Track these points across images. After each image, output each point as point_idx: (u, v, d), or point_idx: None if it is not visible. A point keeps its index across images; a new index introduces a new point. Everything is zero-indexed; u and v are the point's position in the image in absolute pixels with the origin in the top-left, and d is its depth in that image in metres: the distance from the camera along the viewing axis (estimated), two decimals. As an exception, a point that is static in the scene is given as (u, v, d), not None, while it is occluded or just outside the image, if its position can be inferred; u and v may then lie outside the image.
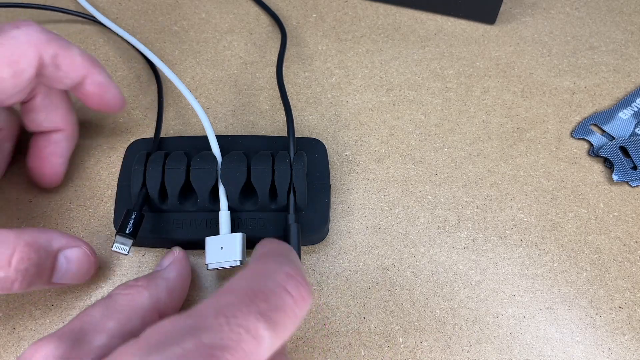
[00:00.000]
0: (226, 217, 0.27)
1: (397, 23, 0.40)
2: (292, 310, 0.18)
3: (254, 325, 0.17)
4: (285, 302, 0.18)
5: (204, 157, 0.28)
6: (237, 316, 0.17)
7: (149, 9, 0.40)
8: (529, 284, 0.29)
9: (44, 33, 0.25)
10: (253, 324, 0.17)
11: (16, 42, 0.24)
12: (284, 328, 0.18)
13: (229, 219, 0.27)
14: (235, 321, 0.17)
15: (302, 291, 0.19)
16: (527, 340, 0.27)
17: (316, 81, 0.36)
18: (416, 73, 0.37)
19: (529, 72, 0.37)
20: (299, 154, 0.28)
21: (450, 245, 0.30)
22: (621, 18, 0.40)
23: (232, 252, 0.26)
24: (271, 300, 0.18)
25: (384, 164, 0.32)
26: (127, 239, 0.26)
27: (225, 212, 0.27)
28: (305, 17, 0.40)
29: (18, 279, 0.22)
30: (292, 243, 0.26)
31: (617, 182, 0.32)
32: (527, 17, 0.40)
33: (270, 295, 0.18)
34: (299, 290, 0.19)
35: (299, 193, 0.27)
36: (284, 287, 0.18)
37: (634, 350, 0.27)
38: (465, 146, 0.33)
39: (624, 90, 0.36)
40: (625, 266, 0.29)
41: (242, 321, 0.17)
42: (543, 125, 0.34)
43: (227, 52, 0.38)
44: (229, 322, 0.16)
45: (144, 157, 0.28)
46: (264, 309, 0.17)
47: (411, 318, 0.27)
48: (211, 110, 0.34)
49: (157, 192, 0.27)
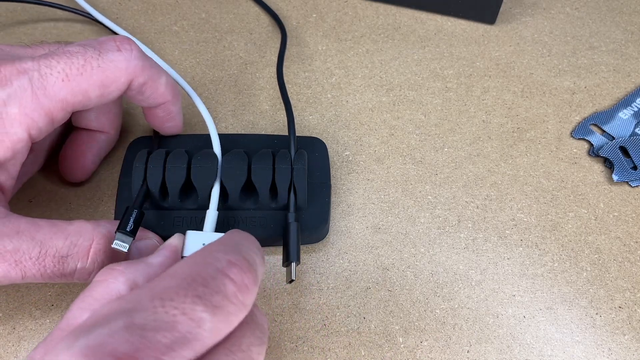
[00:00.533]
0: (213, 217, 0.26)
1: (397, 23, 0.40)
2: (234, 295, 0.18)
3: (191, 307, 0.16)
4: (226, 287, 0.18)
5: (205, 155, 0.28)
6: (173, 299, 0.16)
7: (149, 9, 0.40)
8: (529, 284, 0.29)
9: (141, 60, 0.25)
10: (190, 307, 0.16)
11: (114, 67, 0.24)
12: (227, 313, 0.17)
13: (215, 220, 0.27)
14: (171, 304, 0.16)
15: (245, 279, 0.18)
16: (527, 340, 0.27)
17: (316, 81, 0.36)
18: (416, 73, 0.37)
19: (529, 72, 0.37)
20: (299, 152, 0.28)
21: (450, 245, 0.30)
22: (621, 18, 0.40)
23: None
24: (210, 284, 0.17)
25: (384, 164, 0.32)
26: (127, 236, 0.26)
27: (214, 212, 0.27)
28: (305, 17, 0.40)
29: (95, 270, 0.23)
30: (291, 242, 0.26)
31: (617, 182, 0.32)
32: (527, 17, 0.40)
33: (210, 280, 0.17)
34: (241, 276, 0.18)
35: (300, 192, 0.27)
36: (225, 274, 0.18)
37: (634, 350, 0.27)
38: (465, 146, 0.33)
39: (624, 90, 0.36)
40: (625, 266, 0.29)
41: (177, 304, 0.16)
42: (543, 125, 0.34)
43: (227, 52, 0.38)
44: (164, 305, 0.16)
45: (144, 155, 0.28)
46: (202, 292, 0.17)
47: (411, 318, 0.27)
48: (211, 110, 0.34)
49: (158, 190, 0.27)
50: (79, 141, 0.30)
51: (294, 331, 0.27)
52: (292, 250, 0.26)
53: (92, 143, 0.30)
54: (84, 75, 0.23)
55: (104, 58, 0.24)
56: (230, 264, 0.18)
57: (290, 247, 0.26)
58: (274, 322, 0.27)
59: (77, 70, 0.23)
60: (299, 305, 0.28)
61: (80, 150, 0.30)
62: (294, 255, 0.26)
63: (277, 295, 0.28)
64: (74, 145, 0.30)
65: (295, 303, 0.28)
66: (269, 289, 0.28)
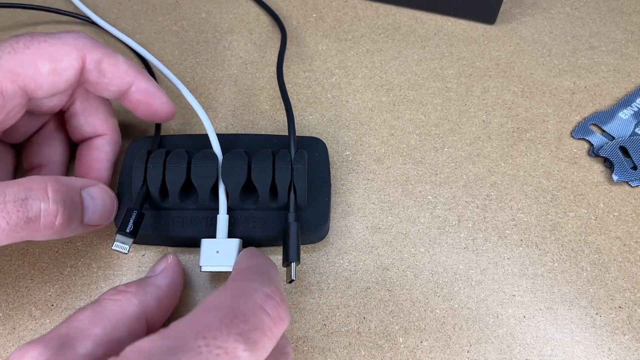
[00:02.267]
0: (224, 221, 0.27)
1: (397, 23, 0.40)
2: (270, 330, 0.18)
3: (233, 346, 0.17)
4: (264, 323, 0.18)
5: (205, 155, 0.28)
6: (216, 337, 0.17)
7: (149, 9, 0.40)
8: (529, 284, 0.29)
9: (90, 39, 0.26)
10: (232, 345, 0.17)
11: (61, 41, 0.25)
12: (263, 348, 0.18)
13: (227, 223, 0.27)
14: (215, 342, 0.17)
15: (280, 311, 0.19)
16: (527, 340, 0.27)
17: (316, 81, 0.36)
18: (416, 73, 0.37)
19: (529, 72, 0.37)
20: (299, 152, 0.28)
21: (450, 245, 0.30)
22: (621, 18, 0.40)
23: (228, 258, 0.26)
24: (250, 320, 0.18)
25: (384, 164, 0.32)
26: (127, 237, 0.26)
27: (224, 215, 0.27)
28: (305, 17, 0.40)
29: (59, 212, 0.23)
30: (291, 242, 0.26)
31: (617, 182, 0.32)
32: (527, 17, 0.40)
33: (250, 315, 0.18)
34: (277, 310, 0.19)
35: (300, 192, 0.27)
36: (262, 308, 0.18)
37: (634, 350, 0.27)
38: (465, 146, 0.33)
39: (624, 90, 0.36)
40: (625, 266, 0.29)
41: (221, 342, 0.17)
42: (543, 125, 0.34)
43: (227, 52, 0.38)
44: (209, 344, 0.17)
45: (145, 155, 0.28)
46: (243, 329, 0.17)
47: (411, 318, 0.27)
48: (211, 110, 0.34)
49: (158, 190, 0.27)
50: (83, 155, 0.29)
51: (294, 331, 0.27)
52: (292, 250, 0.26)
53: (94, 152, 0.29)
54: (31, 48, 0.24)
55: (51, 37, 0.25)
56: (267, 298, 0.19)
57: (290, 247, 0.26)
58: (274, 322, 0.27)
59: (23, 44, 0.24)
60: (299, 305, 0.28)
61: (87, 164, 0.29)
62: (294, 255, 0.26)
63: (277, 295, 0.28)
64: (81, 161, 0.29)
65: (295, 303, 0.28)
66: (269, 289, 0.28)
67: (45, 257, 0.29)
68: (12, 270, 0.28)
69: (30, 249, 0.29)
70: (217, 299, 0.19)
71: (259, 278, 0.20)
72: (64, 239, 0.29)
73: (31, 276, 0.28)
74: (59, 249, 0.29)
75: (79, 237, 0.29)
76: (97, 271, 0.28)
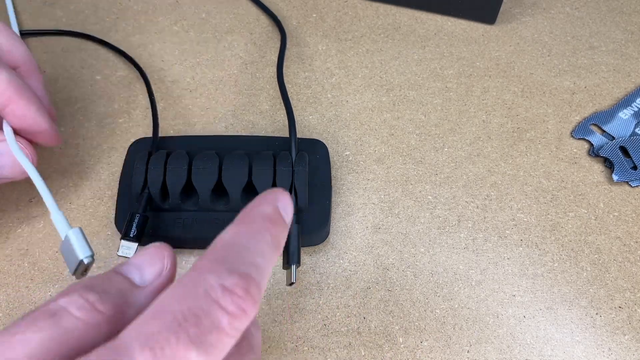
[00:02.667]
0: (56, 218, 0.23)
1: (397, 23, 0.40)
2: (230, 327, 0.16)
3: (184, 355, 0.15)
4: (220, 322, 0.16)
5: (206, 156, 0.28)
6: (164, 347, 0.15)
7: (149, 9, 0.40)
8: (529, 284, 0.29)
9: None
10: (183, 354, 0.15)
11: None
12: (221, 349, 0.16)
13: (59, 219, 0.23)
14: (163, 353, 0.15)
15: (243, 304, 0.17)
16: (527, 340, 0.27)
17: (316, 81, 0.36)
18: (416, 73, 0.37)
19: (529, 72, 0.37)
20: (300, 154, 0.28)
21: (450, 245, 0.30)
22: (621, 18, 0.40)
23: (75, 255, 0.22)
24: (202, 323, 0.16)
25: (384, 164, 0.32)
26: (132, 242, 0.26)
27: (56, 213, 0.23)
28: (305, 17, 0.40)
29: None
30: (291, 244, 0.26)
31: (617, 182, 0.32)
32: (527, 17, 0.40)
33: (202, 316, 0.16)
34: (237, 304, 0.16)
35: (300, 194, 0.27)
36: (218, 305, 0.16)
37: (634, 350, 0.27)
38: (465, 146, 0.33)
39: (624, 90, 0.36)
40: (625, 266, 0.29)
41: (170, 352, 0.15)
42: (543, 125, 0.34)
43: (227, 52, 0.38)
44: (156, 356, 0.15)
45: (145, 156, 0.28)
46: (195, 334, 0.15)
47: (411, 318, 0.27)
48: (211, 110, 0.34)
49: (158, 192, 0.27)
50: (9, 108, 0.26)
51: (294, 331, 0.27)
52: (292, 253, 0.26)
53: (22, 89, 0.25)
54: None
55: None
56: (224, 292, 0.16)
57: (290, 250, 0.26)
58: (274, 322, 0.27)
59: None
60: (299, 305, 0.28)
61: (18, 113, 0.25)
62: (294, 258, 0.26)
63: (277, 295, 0.28)
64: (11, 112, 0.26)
65: (295, 303, 0.28)
66: (269, 289, 0.28)
67: (45, 257, 0.29)
68: (12, 270, 0.28)
69: (30, 249, 0.29)
70: (165, 302, 0.16)
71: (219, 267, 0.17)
72: (64, 240, 0.29)
73: (31, 276, 0.28)
74: (59, 249, 0.29)
75: (80, 238, 0.29)
76: (97, 271, 0.28)
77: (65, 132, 0.33)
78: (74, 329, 0.16)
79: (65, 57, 0.37)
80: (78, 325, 0.16)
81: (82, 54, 0.37)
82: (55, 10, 0.39)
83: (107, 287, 0.18)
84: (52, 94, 0.35)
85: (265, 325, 0.27)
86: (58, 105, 0.34)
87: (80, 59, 0.37)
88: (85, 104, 0.35)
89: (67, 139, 0.33)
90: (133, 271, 0.19)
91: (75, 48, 0.37)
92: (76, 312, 0.17)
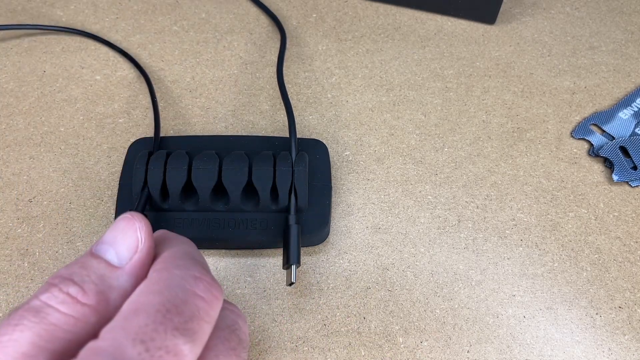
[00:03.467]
0: None
1: (397, 23, 0.40)
2: (207, 314, 0.17)
3: (173, 343, 0.16)
4: (199, 308, 0.17)
5: (206, 156, 0.28)
6: (154, 339, 0.16)
7: (149, 9, 0.40)
8: (529, 284, 0.29)
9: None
10: (172, 342, 0.16)
11: None
12: (202, 333, 0.17)
13: None
14: (154, 344, 0.16)
15: (213, 290, 0.18)
16: (527, 340, 0.27)
17: (316, 81, 0.36)
18: (416, 73, 0.37)
19: (529, 72, 0.37)
20: (300, 155, 0.28)
21: (450, 245, 0.30)
22: (621, 18, 0.40)
23: None
24: (184, 311, 0.17)
25: (384, 164, 0.32)
26: None
27: None
28: (305, 17, 0.40)
29: None
30: (292, 244, 0.26)
31: (617, 182, 0.32)
32: (527, 17, 0.40)
33: (182, 305, 0.17)
34: (209, 291, 0.18)
35: (300, 194, 0.27)
36: (194, 293, 0.17)
37: (634, 350, 0.27)
38: (465, 146, 0.33)
39: (624, 90, 0.36)
40: (625, 266, 0.29)
41: (160, 343, 0.16)
42: (543, 125, 0.34)
43: (227, 52, 0.38)
44: (148, 348, 0.15)
45: (145, 156, 0.28)
46: (179, 322, 0.16)
47: (411, 318, 0.27)
48: (211, 110, 0.34)
49: (158, 192, 0.27)
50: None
51: (294, 331, 0.27)
52: (292, 253, 0.26)
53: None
54: None
55: None
56: (196, 280, 0.18)
57: (290, 250, 0.26)
58: (274, 322, 0.27)
59: None
60: (299, 305, 0.28)
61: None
62: (295, 258, 0.26)
63: (277, 295, 0.28)
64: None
65: (295, 303, 0.28)
66: (269, 289, 0.28)
67: (45, 257, 0.29)
68: (12, 270, 0.28)
69: (30, 249, 0.29)
70: (145, 297, 0.17)
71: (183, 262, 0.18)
72: (63, 239, 0.29)
73: (31, 276, 0.28)
74: (59, 249, 0.29)
75: (79, 237, 0.29)
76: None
77: (65, 132, 0.33)
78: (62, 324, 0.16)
79: (65, 56, 0.37)
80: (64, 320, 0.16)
81: (82, 53, 0.37)
82: (55, 10, 0.39)
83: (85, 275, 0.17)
84: (53, 94, 0.35)
85: (265, 325, 0.27)
86: (58, 105, 0.34)
87: (80, 59, 0.37)
88: (85, 104, 0.35)
89: (67, 139, 0.33)
90: (108, 250, 0.18)
91: (75, 48, 0.37)
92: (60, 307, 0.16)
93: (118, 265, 0.18)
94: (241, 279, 0.28)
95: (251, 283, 0.28)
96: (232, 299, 0.28)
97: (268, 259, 0.29)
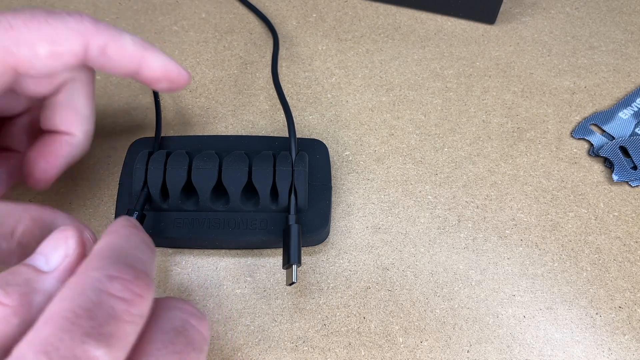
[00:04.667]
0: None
1: (397, 23, 0.40)
2: (127, 313, 0.16)
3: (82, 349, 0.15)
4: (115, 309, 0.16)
5: (206, 156, 0.28)
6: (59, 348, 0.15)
7: (149, 9, 0.40)
8: (529, 284, 0.29)
9: (94, 23, 0.24)
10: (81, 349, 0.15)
11: (63, 25, 0.23)
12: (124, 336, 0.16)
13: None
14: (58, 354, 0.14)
15: (135, 288, 0.16)
16: (527, 340, 0.27)
17: (316, 81, 0.36)
18: (416, 73, 0.37)
19: (529, 72, 0.37)
20: (300, 154, 0.28)
21: (450, 245, 0.30)
22: (621, 18, 0.40)
23: None
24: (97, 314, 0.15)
25: (384, 164, 0.32)
26: None
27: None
28: (305, 17, 0.40)
29: (17, 253, 0.20)
30: (292, 244, 0.26)
31: (617, 182, 0.32)
32: (527, 17, 0.40)
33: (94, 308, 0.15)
34: (129, 289, 0.16)
35: (300, 194, 0.27)
36: (108, 293, 0.16)
37: (634, 350, 0.27)
38: (465, 146, 0.33)
39: (624, 90, 0.36)
40: (625, 266, 0.29)
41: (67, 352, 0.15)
42: (543, 125, 0.34)
43: (227, 52, 0.38)
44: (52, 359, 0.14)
45: (145, 156, 0.28)
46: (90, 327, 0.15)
47: (411, 318, 0.27)
48: (211, 110, 0.34)
49: (158, 192, 0.27)
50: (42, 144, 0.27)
51: (294, 331, 0.27)
52: (292, 253, 0.26)
53: (55, 145, 0.27)
54: (30, 27, 0.22)
55: (53, 17, 0.23)
56: (111, 280, 0.16)
57: (291, 250, 0.26)
58: (274, 322, 0.27)
59: (22, 22, 0.22)
60: (299, 305, 0.28)
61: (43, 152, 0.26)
62: (295, 258, 0.26)
63: (277, 295, 0.28)
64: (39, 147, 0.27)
65: (295, 303, 0.28)
66: (269, 289, 0.28)
67: (45, 257, 0.29)
68: (12, 270, 0.28)
69: (30, 249, 0.29)
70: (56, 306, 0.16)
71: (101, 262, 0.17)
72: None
73: (32, 277, 0.28)
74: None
75: (80, 238, 0.29)
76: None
77: (65, 132, 0.33)
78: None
79: (65, 57, 0.37)
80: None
81: (82, 54, 0.37)
82: (55, 10, 0.39)
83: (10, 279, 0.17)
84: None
85: (265, 325, 0.27)
86: (58, 105, 0.34)
87: (80, 59, 0.37)
88: (85, 104, 0.34)
89: (67, 139, 0.33)
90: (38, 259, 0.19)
91: (75, 48, 0.37)
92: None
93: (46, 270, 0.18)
94: (241, 279, 0.28)
95: (251, 283, 0.28)
96: (232, 299, 0.28)
97: (268, 259, 0.29)
